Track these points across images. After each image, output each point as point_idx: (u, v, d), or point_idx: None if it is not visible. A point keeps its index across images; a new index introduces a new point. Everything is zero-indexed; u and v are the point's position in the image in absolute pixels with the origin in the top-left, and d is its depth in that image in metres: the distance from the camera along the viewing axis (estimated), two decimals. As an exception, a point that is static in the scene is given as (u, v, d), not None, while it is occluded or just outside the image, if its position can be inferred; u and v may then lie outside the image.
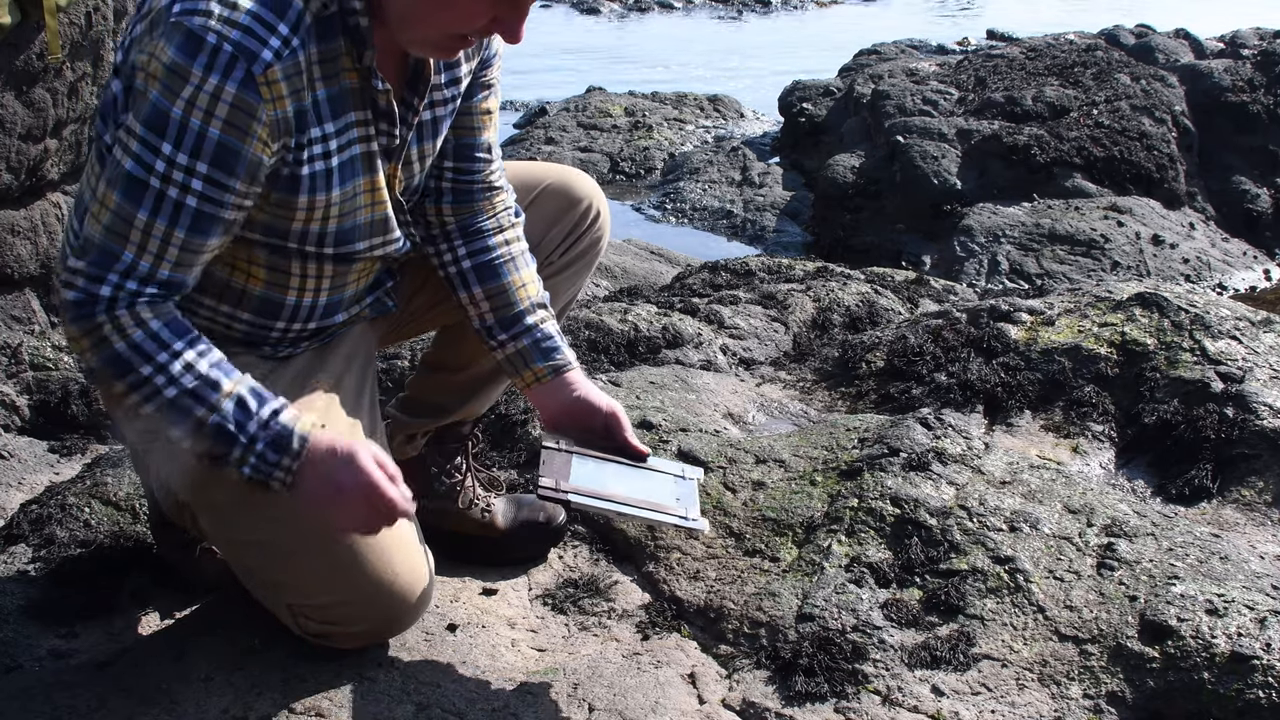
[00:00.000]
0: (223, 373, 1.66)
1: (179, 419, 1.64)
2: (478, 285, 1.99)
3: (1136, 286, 3.30)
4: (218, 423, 1.64)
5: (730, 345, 3.54)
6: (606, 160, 8.48)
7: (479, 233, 2.01)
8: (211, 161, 1.58)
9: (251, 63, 1.55)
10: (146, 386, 1.62)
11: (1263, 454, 2.69)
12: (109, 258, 1.60)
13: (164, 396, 1.62)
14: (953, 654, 1.96)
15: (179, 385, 1.62)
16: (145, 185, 1.58)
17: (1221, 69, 7.73)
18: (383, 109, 1.74)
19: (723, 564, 2.21)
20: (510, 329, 1.98)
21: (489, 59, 1.94)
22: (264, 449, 1.65)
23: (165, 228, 1.60)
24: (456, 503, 2.24)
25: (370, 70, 1.68)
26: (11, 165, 3.35)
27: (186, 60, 1.53)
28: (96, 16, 3.46)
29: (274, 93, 1.58)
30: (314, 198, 1.71)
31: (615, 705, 1.85)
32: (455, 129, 1.96)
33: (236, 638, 1.93)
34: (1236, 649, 1.89)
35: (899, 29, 13.78)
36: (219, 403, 1.64)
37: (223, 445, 1.64)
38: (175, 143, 1.56)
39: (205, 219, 1.61)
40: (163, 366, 1.62)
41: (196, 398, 1.63)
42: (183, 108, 1.54)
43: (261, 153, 1.61)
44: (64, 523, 2.28)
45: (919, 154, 6.96)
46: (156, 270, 1.62)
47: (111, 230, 1.60)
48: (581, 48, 13.97)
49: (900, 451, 2.40)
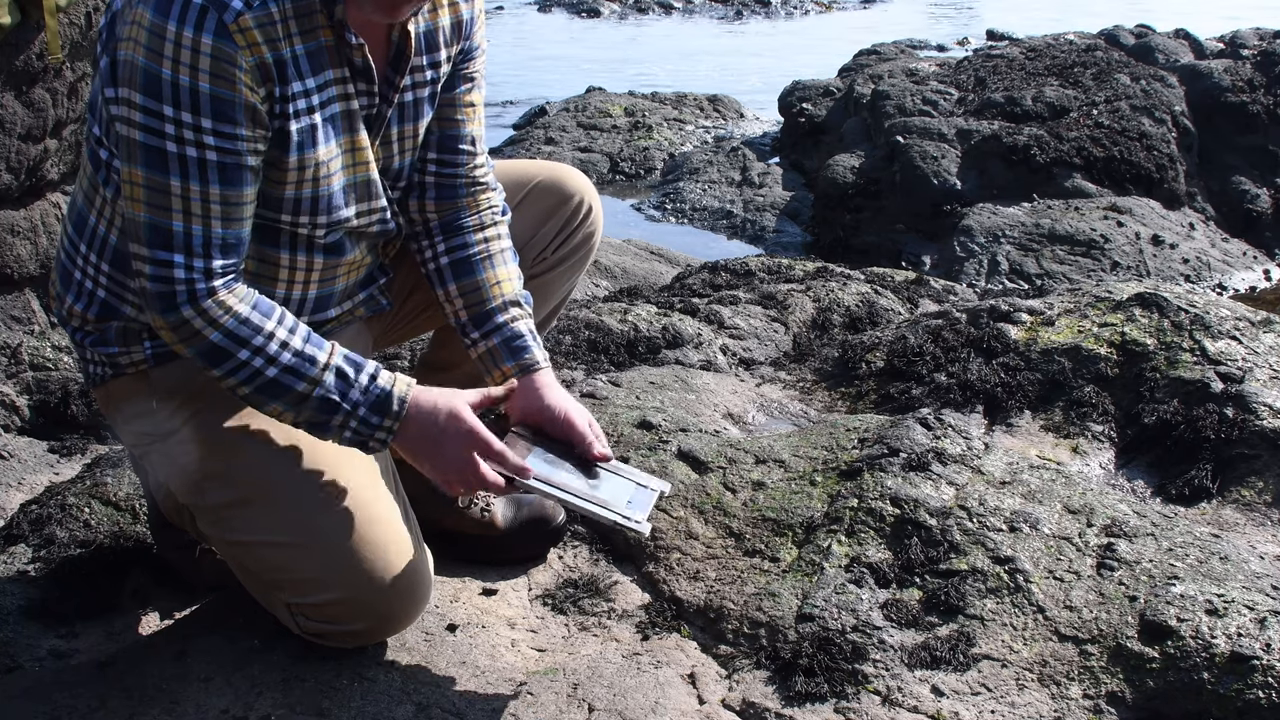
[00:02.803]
0: (316, 346, 1.72)
1: (281, 395, 1.70)
2: (453, 282, 2.00)
3: (1136, 287, 3.30)
4: (322, 395, 1.70)
5: (730, 345, 3.54)
6: (606, 160, 8.48)
7: (459, 229, 2.01)
8: (213, 115, 1.61)
9: (222, 12, 1.58)
10: (245, 369, 1.68)
11: (1263, 454, 2.69)
12: (163, 233, 1.64)
13: (265, 377, 1.68)
14: (953, 654, 1.97)
15: (278, 364, 1.68)
16: (164, 152, 1.61)
17: (1221, 69, 7.73)
18: (359, 66, 1.76)
19: (723, 564, 2.21)
20: (481, 327, 1.97)
21: (471, 50, 1.96)
22: (366, 413, 1.72)
23: (200, 188, 1.63)
24: (456, 503, 2.24)
25: (342, 24, 1.70)
26: (11, 165, 3.35)
27: (162, 19, 1.56)
28: (96, 16, 3.46)
29: (249, 39, 1.61)
30: (303, 155, 1.73)
31: (615, 705, 1.85)
32: (439, 119, 1.96)
33: (236, 638, 1.93)
34: (1236, 649, 1.89)
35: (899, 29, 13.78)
36: (321, 376, 1.70)
37: (325, 414, 1.71)
38: (174, 103, 1.59)
39: (231, 170, 1.65)
40: (260, 349, 1.68)
41: (296, 374, 1.69)
42: (170, 67, 1.57)
43: (252, 98, 1.64)
44: (64, 523, 2.28)
45: (919, 154, 6.96)
46: (210, 233, 1.65)
47: (153, 205, 1.63)
48: (581, 48, 13.98)
49: (900, 451, 2.40)
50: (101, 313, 1.84)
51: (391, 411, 1.73)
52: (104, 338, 1.86)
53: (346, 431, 1.73)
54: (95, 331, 1.86)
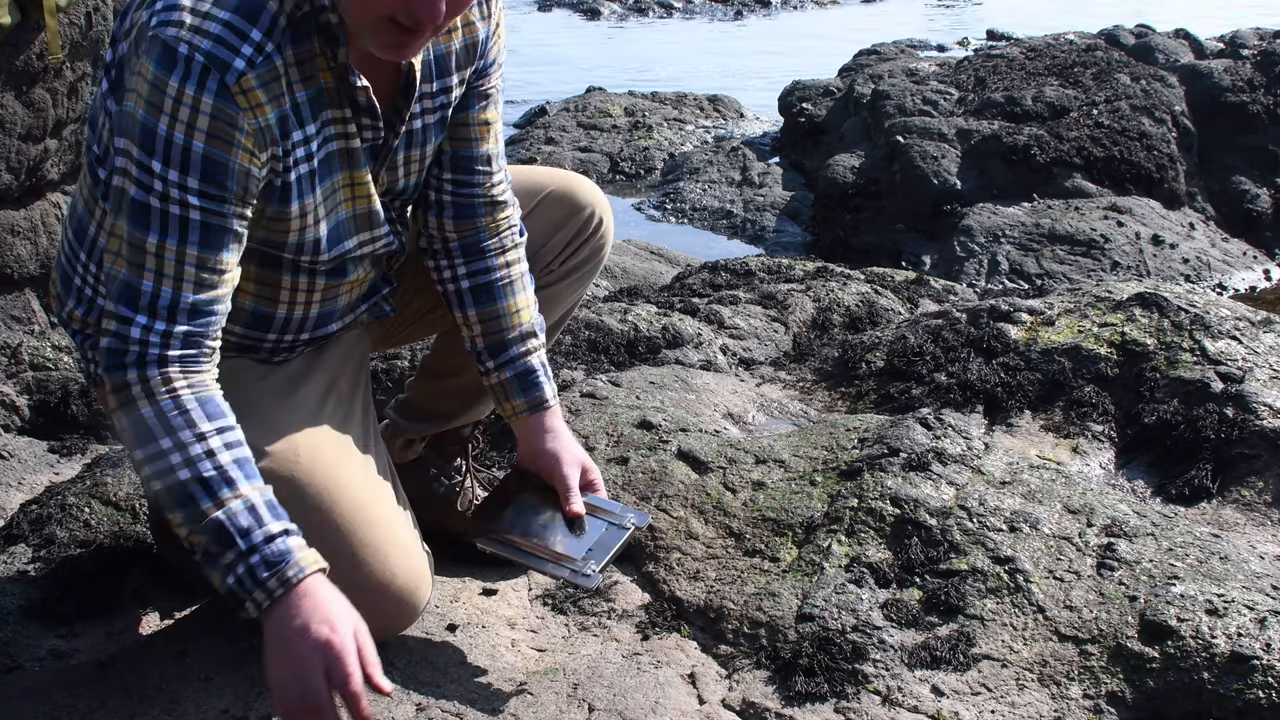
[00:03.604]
0: (243, 472, 1.57)
1: (184, 504, 1.55)
2: (473, 307, 1.99)
3: (1136, 286, 3.30)
4: (220, 521, 1.53)
5: (730, 345, 3.54)
6: (606, 160, 8.48)
7: (481, 252, 1.99)
8: (201, 176, 1.56)
9: (224, 73, 1.54)
10: (160, 461, 1.55)
11: (1263, 454, 2.69)
12: (132, 292, 1.57)
13: (176, 478, 1.54)
14: (953, 654, 1.97)
15: (194, 470, 1.54)
16: (148, 208, 1.56)
17: (1221, 69, 7.73)
18: (363, 105, 1.72)
19: (723, 564, 2.21)
20: (497, 357, 1.99)
21: (486, 68, 1.91)
22: (259, 563, 1.53)
23: (176, 246, 1.57)
24: (456, 504, 2.24)
25: (345, 67, 1.67)
26: (11, 165, 3.35)
27: (164, 74, 1.53)
28: (96, 16, 3.46)
29: (251, 101, 1.57)
30: (303, 202, 1.70)
31: (615, 705, 1.85)
32: (452, 139, 1.93)
33: (236, 638, 1.93)
34: (1236, 649, 1.89)
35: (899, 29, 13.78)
36: (229, 501, 1.54)
37: (218, 546, 1.53)
38: (164, 159, 1.55)
39: (213, 232, 1.59)
40: (182, 445, 1.54)
41: (208, 489, 1.54)
42: (166, 123, 1.54)
43: (249, 164, 1.59)
44: (64, 523, 2.28)
45: (919, 154, 6.96)
46: (179, 297, 1.58)
47: (130, 261, 1.58)
48: (581, 48, 13.97)
49: (900, 451, 2.40)
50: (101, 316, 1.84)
51: (284, 575, 1.52)
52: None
53: (230, 576, 1.53)
54: (95, 334, 1.86)
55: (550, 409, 2.00)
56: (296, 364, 1.90)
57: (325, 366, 1.93)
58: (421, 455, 2.28)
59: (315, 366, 1.92)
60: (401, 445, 2.25)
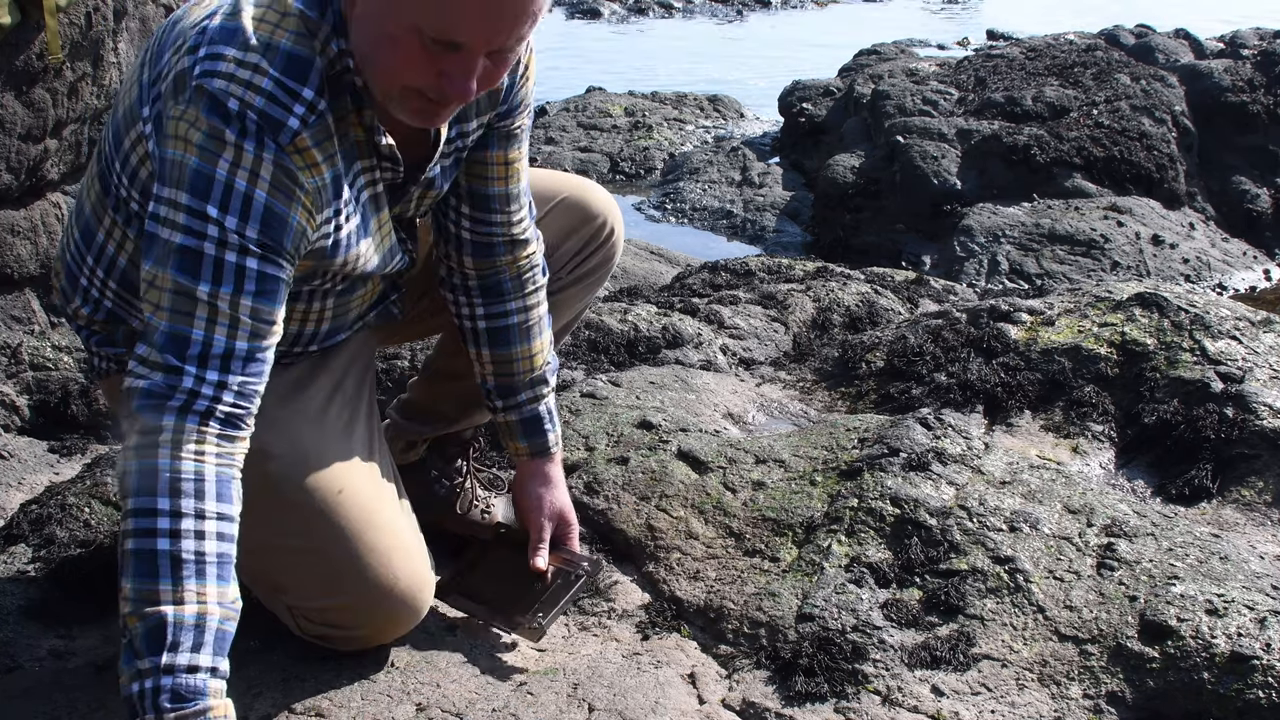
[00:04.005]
0: (218, 574, 1.44)
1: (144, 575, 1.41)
2: (487, 348, 2.01)
3: (1136, 286, 3.30)
4: (163, 617, 1.39)
5: (730, 345, 3.54)
6: (606, 160, 8.48)
7: (500, 296, 1.99)
8: (261, 227, 1.49)
9: (278, 133, 1.49)
10: (147, 519, 1.42)
11: (1263, 454, 2.69)
12: (179, 342, 1.47)
13: (150, 543, 1.41)
14: (953, 654, 1.96)
15: (176, 544, 1.42)
16: (200, 255, 1.47)
17: (1221, 69, 7.73)
18: (385, 153, 1.69)
19: (723, 564, 2.21)
20: (505, 399, 2.03)
21: (511, 110, 1.87)
22: (169, 686, 1.38)
23: (231, 294, 1.48)
24: (456, 506, 2.24)
25: (373, 128, 1.64)
26: (11, 165, 3.35)
27: (220, 124, 1.46)
28: (96, 16, 3.46)
29: (307, 160, 1.53)
30: (348, 254, 1.69)
31: (615, 705, 1.85)
32: (469, 175, 1.90)
33: (236, 638, 1.93)
34: (1236, 649, 1.89)
35: (899, 29, 13.78)
36: (185, 598, 1.41)
37: (145, 645, 1.39)
38: (221, 206, 1.47)
39: (270, 282, 1.52)
40: (178, 514, 1.42)
41: (175, 573, 1.41)
42: (227, 170, 1.47)
43: (306, 223, 1.55)
44: (64, 523, 2.28)
45: (919, 154, 6.96)
46: (234, 345, 1.49)
47: (175, 311, 1.47)
48: (581, 48, 13.97)
49: (900, 451, 2.40)
50: (108, 319, 1.84)
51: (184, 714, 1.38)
52: (110, 339, 1.86)
53: (136, 684, 1.39)
54: (102, 332, 1.86)
55: (550, 456, 2.05)
56: (302, 366, 1.90)
57: (331, 369, 1.93)
58: (423, 457, 2.28)
59: (321, 369, 1.91)
60: (403, 447, 2.25)
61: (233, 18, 1.52)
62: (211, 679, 1.42)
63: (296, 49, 1.52)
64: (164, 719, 1.38)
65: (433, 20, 1.46)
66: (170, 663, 1.39)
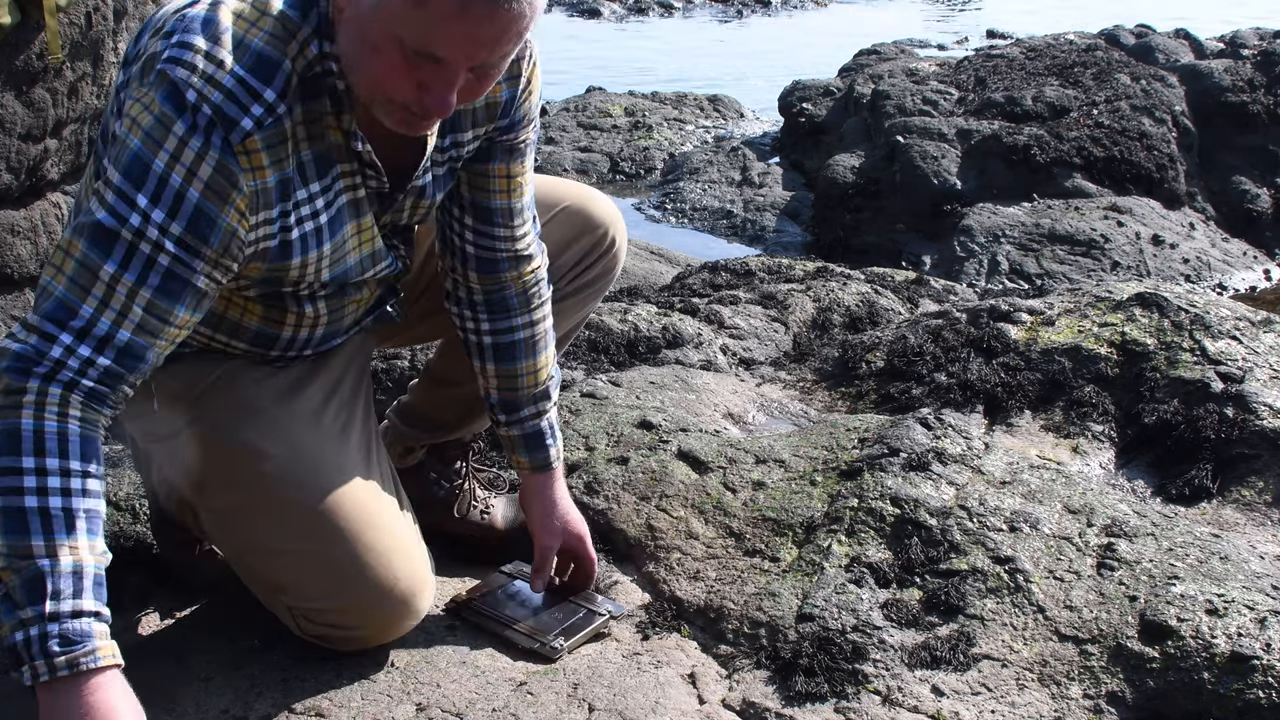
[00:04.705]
0: (88, 528, 1.45)
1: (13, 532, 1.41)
2: (491, 363, 2.01)
3: (1136, 286, 3.30)
4: (41, 570, 1.40)
5: (730, 345, 3.54)
6: (606, 160, 8.48)
7: (505, 311, 1.98)
8: (188, 225, 1.50)
9: (230, 131, 1.49)
10: (11, 478, 1.42)
11: (1263, 454, 2.69)
12: (66, 312, 1.48)
13: (18, 501, 1.41)
14: (953, 654, 1.97)
15: (42, 501, 1.42)
16: (116, 236, 1.48)
17: (1221, 69, 7.73)
18: (366, 161, 1.68)
19: (723, 564, 2.21)
20: (510, 414, 2.03)
21: (513, 124, 1.85)
22: (55, 633, 1.40)
23: (132, 284, 1.49)
24: (454, 509, 2.24)
25: (350, 133, 1.63)
26: (11, 165, 3.35)
27: (173, 113, 1.47)
28: (96, 16, 3.46)
29: (254, 163, 1.52)
30: (306, 257, 1.68)
31: (615, 705, 1.85)
32: (470, 187, 1.89)
33: (236, 638, 1.93)
34: (1236, 649, 1.89)
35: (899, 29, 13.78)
36: (60, 551, 1.41)
37: (25, 595, 1.40)
38: (152, 197, 1.48)
39: (176, 282, 1.51)
40: (44, 471, 1.43)
41: (46, 527, 1.42)
42: (165, 161, 1.48)
43: (238, 224, 1.54)
44: (64, 523, 2.27)
45: (919, 154, 6.96)
46: (116, 330, 1.49)
47: (74, 281, 1.48)
48: (581, 48, 13.97)
49: (900, 451, 2.40)
50: None
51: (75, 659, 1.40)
52: None
53: (20, 633, 1.40)
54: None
55: (552, 471, 2.06)
56: (299, 367, 1.90)
57: (328, 370, 1.92)
58: (421, 460, 2.28)
59: (318, 370, 1.91)
60: (401, 452, 2.25)
61: (213, 9, 1.53)
62: (96, 622, 1.43)
63: (267, 50, 1.52)
64: (54, 662, 1.40)
65: (414, 32, 1.46)
66: (54, 610, 1.40)
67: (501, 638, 1.99)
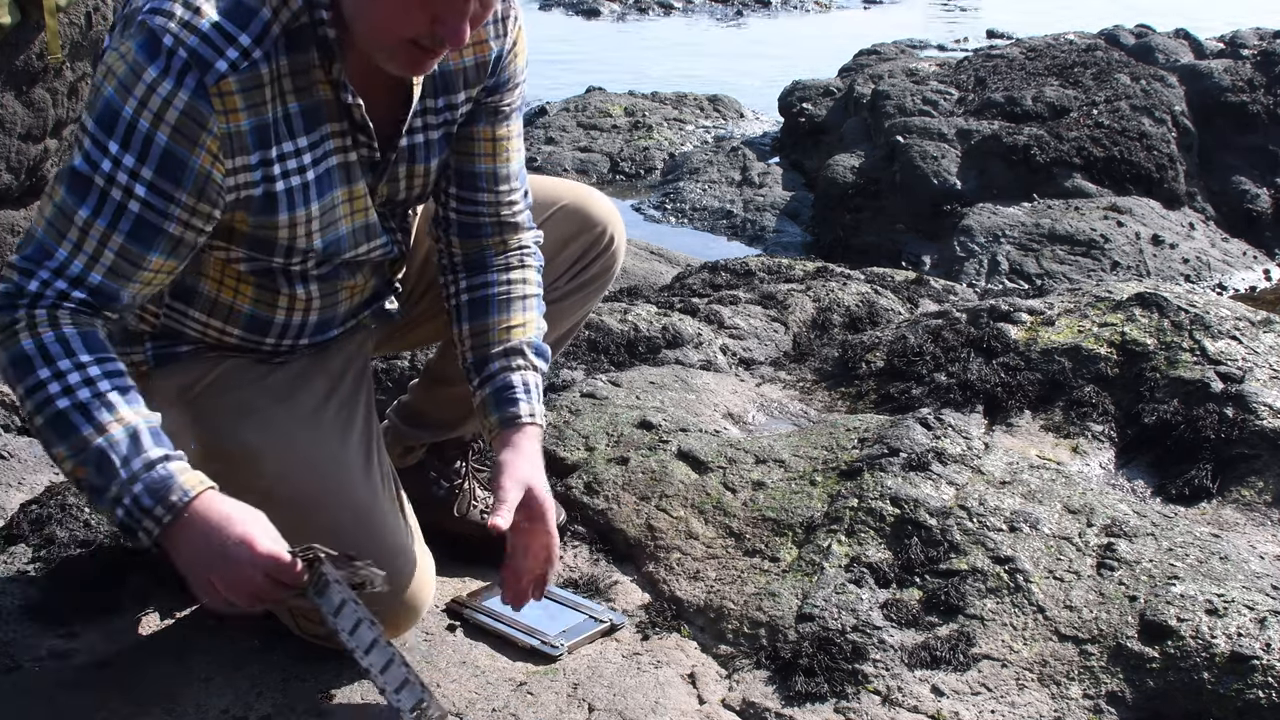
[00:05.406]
0: (124, 398, 1.55)
1: (66, 435, 1.52)
2: (466, 321, 1.91)
3: (1136, 286, 3.30)
4: (102, 448, 1.50)
5: (730, 345, 3.54)
6: (606, 160, 8.48)
7: (483, 268, 1.93)
8: (157, 169, 1.54)
9: (204, 72, 1.52)
10: (40, 392, 1.53)
11: (1263, 454, 2.69)
12: (43, 253, 1.56)
13: (55, 407, 1.52)
14: (953, 654, 1.97)
15: (73, 397, 1.52)
16: (90, 183, 1.54)
17: (1221, 69, 7.73)
18: (358, 121, 1.69)
19: (723, 564, 2.21)
20: (481, 372, 1.88)
21: (499, 85, 1.86)
22: (141, 491, 1.50)
23: (104, 229, 1.55)
24: (454, 508, 2.24)
25: (340, 83, 1.64)
26: (11, 165, 3.36)
27: (144, 59, 1.51)
28: (96, 16, 3.46)
29: (226, 105, 1.55)
30: (294, 214, 1.68)
31: (615, 705, 1.85)
32: (456, 153, 1.89)
33: (236, 638, 1.93)
34: (1236, 649, 1.89)
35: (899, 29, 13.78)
36: (110, 426, 1.51)
37: (101, 477, 1.51)
38: (122, 143, 1.53)
39: (147, 228, 1.57)
40: (61, 374, 1.52)
41: (86, 414, 1.51)
42: (133, 108, 1.52)
43: (211, 166, 1.57)
44: (64, 523, 2.28)
45: (919, 154, 6.96)
46: (88, 273, 1.56)
47: (51, 225, 1.56)
48: (581, 48, 13.97)
49: (900, 451, 2.40)
50: None
51: (168, 501, 1.51)
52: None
53: (119, 508, 1.51)
54: None
55: (518, 427, 1.83)
56: (298, 365, 1.90)
57: (327, 369, 1.92)
58: (421, 460, 2.27)
59: (317, 368, 1.91)
60: (401, 452, 2.25)
61: None
62: (169, 463, 1.53)
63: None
64: (155, 514, 1.50)
65: None
66: (130, 474, 1.50)
67: (502, 638, 1.99)
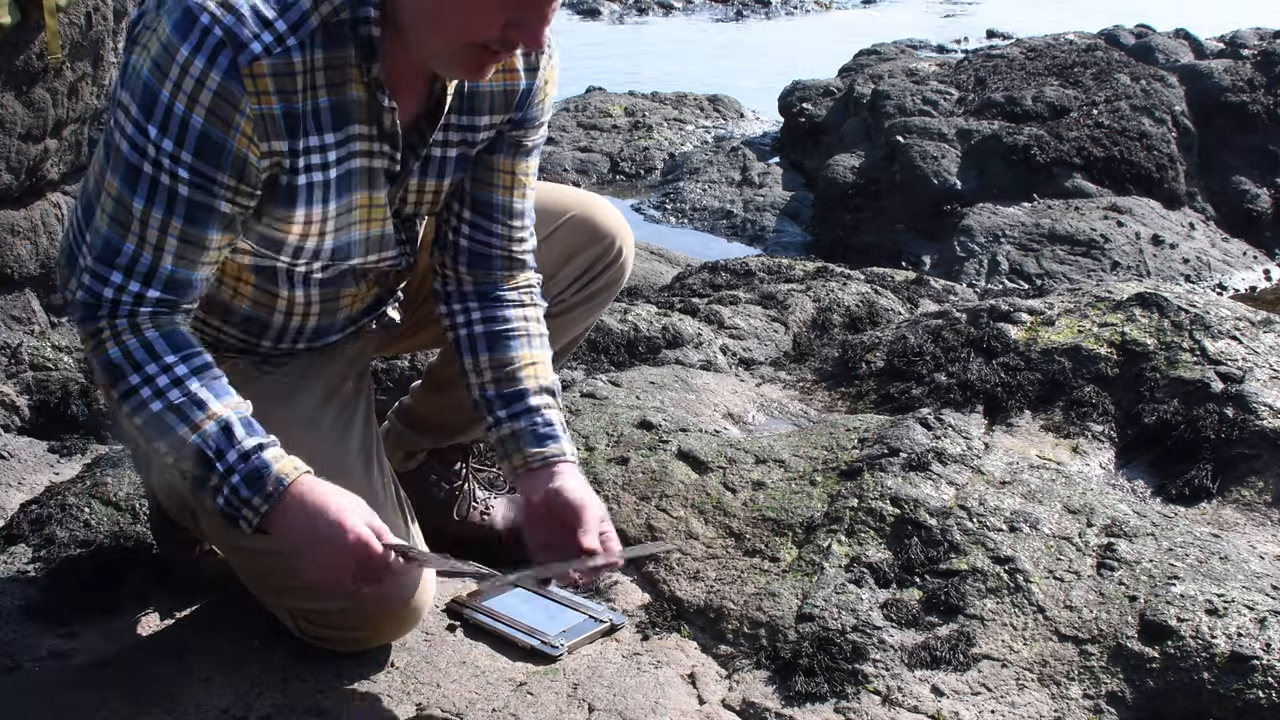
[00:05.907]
0: (213, 393, 1.61)
1: (164, 434, 1.59)
2: (485, 352, 1.88)
3: (1136, 286, 3.30)
4: (198, 445, 1.58)
5: (730, 345, 3.54)
6: (606, 160, 8.48)
7: (498, 301, 1.90)
8: (196, 152, 1.55)
9: (238, 52, 1.51)
10: (134, 397, 1.59)
11: (1263, 454, 2.69)
12: (112, 251, 1.59)
13: (150, 410, 1.59)
14: (953, 654, 1.97)
15: (165, 399, 1.58)
16: (139, 171, 1.56)
17: (1221, 69, 7.73)
18: (387, 129, 1.68)
19: (723, 564, 2.21)
20: (510, 407, 1.85)
21: (523, 121, 1.85)
22: (239, 482, 1.57)
23: (162, 216, 1.58)
24: (454, 510, 2.23)
25: (377, 83, 1.63)
26: (11, 165, 3.35)
27: (178, 38, 1.50)
28: (96, 16, 3.46)
29: (259, 87, 1.54)
30: (310, 210, 1.67)
31: (615, 705, 1.85)
32: (474, 180, 1.87)
33: (236, 638, 1.93)
34: (1236, 649, 1.89)
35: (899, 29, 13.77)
36: (203, 423, 1.58)
37: (201, 470, 1.59)
38: (161, 127, 1.53)
39: (200, 209, 1.59)
40: (150, 378, 1.59)
41: (180, 415, 1.58)
42: (170, 90, 1.52)
43: (248, 150, 1.57)
44: (64, 523, 2.28)
45: (919, 154, 6.96)
46: (159, 264, 1.60)
47: (114, 219, 1.59)
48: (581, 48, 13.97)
49: (900, 451, 2.40)
50: None
51: (264, 490, 1.57)
52: None
53: (220, 498, 1.59)
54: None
55: (567, 461, 1.83)
56: (296, 368, 1.90)
57: (327, 373, 1.92)
58: (421, 463, 2.27)
59: (316, 372, 1.91)
60: (403, 457, 2.24)
61: None
62: (263, 452, 1.59)
63: None
64: (253, 503, 1.57)
65: None
66: (227, 465, 1.57)
67: (501, 638, 1.99)
